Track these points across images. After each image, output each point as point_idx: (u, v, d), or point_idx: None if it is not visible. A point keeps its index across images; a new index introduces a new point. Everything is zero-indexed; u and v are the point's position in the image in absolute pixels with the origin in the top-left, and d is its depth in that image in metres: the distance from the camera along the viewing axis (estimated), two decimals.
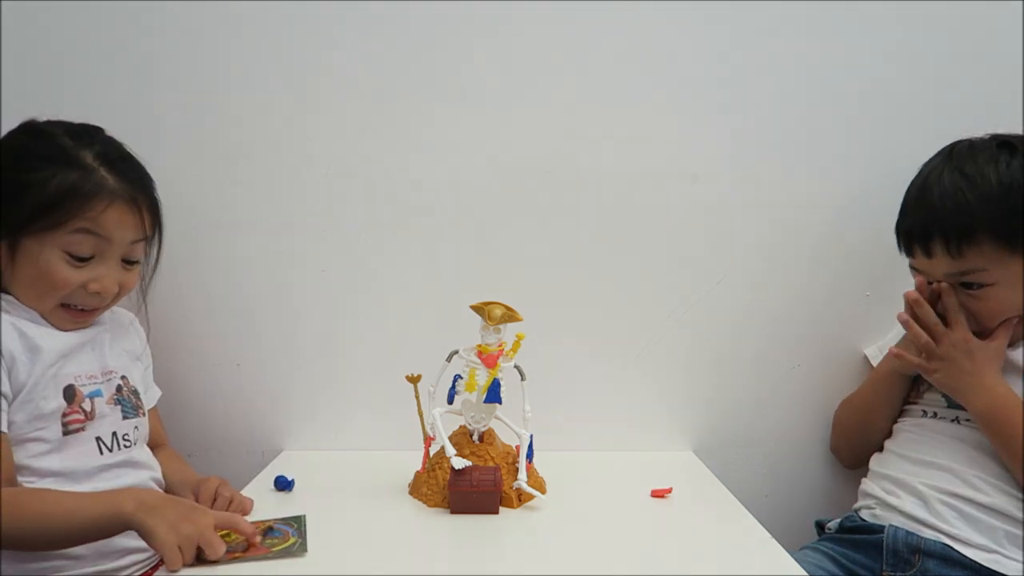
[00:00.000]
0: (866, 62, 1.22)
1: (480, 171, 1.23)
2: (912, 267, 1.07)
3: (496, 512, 0.99)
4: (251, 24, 1.19)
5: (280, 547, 0.86)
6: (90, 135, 0.98)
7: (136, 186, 0.98)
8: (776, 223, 1.25)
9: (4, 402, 0.89)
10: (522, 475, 1.01)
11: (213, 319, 1.23)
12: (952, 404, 1.07)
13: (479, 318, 1.02)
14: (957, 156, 1.01)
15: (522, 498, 1.02)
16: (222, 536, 0.85)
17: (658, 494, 1.07)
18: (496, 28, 1.20)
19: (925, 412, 1.11)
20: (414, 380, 1.06)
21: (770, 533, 0.95)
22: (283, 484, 1.07)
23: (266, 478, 1.10)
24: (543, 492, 1.06)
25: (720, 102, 1.23)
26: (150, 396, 1.11)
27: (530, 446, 1.04)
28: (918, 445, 1.09)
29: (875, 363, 1.24)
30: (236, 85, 1.20)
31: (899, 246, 1.08)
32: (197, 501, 0.97)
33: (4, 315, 0.92)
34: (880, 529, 1.04)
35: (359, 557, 0.87)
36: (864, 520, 1.08)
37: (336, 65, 1.20)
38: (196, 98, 1.19)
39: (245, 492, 1.06)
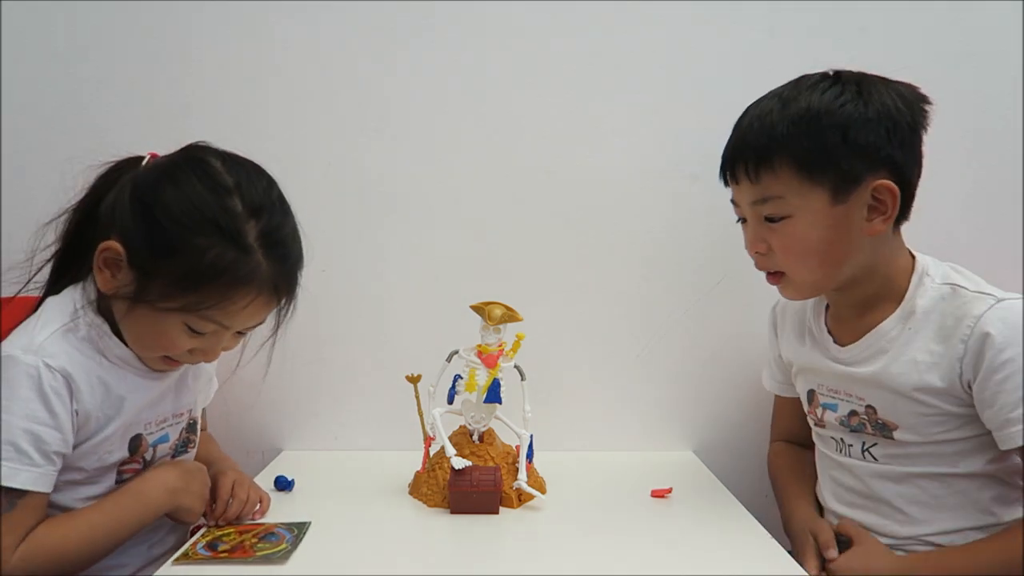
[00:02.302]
0: (866, 62, 1.22)
1: (480, 171, 1.23)
2: (732, 201, 1.00)
3: (496, 512, 0.99)
4: (251, 24, 1.19)
5: (264, 552, 0.85)
6: (261, 197, 0.86)
7: (285, 276, 0.89)
8: None
9: (58, 462, 0.83)
10: (522, 475, 1.01)
11: None
12: (851, 428, 1.00)
13: (479, 318, 1.02)
14: (786, 85, 0.95)
15: (522, 498, 1.02)
16: (220, 535, 0.86)
17: (658, 494, 1.07)
18: (496, 28, 1.20)
19: (840, 446, 1.02)
20: (414, 380, 1.06)
21: (770, 533, 0.95)
22: (283, 484, 1.07)
23: (266, 478, 1.10)
24: (543, 492, 1.06)
25: (720, 102, 1.22)
26: (208, 393, 1.09)
27: (530, 446, 1.04)
28: (854, 493, 1.00)
29: (774, 390, 1.18)
30: (236, 85, 1.20)
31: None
32: (213, 497, 0.95)
33: (92, 360, 0.85)
34: None
35: (359, 557, 0.87)
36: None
37: (336, 65, 1.20)
38: (195, 98, 1.19)
39: None
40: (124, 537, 0.87)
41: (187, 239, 0.81)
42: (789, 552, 0.91)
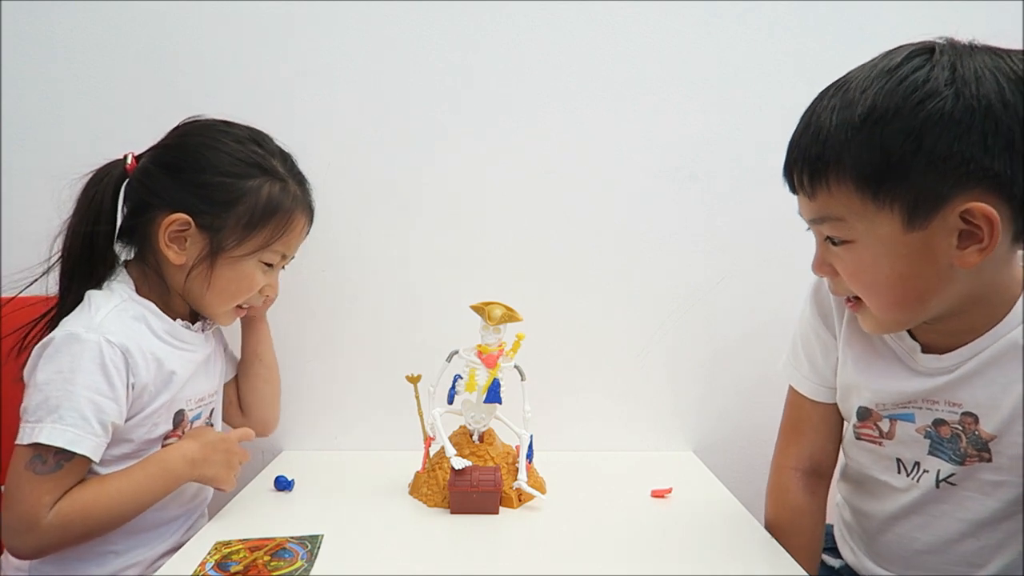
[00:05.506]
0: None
1: (480, 171, 1.23)
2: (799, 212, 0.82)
3: (496, 512, 0.99)
4: (251, 22, 1.19)
5: (281, 572, 0.83)
6: (267, 140, 0.99)
7: (310, 200, 1.03)
8: (776, 223, 1.25)
9: (111, 433, 0.89)
10: (522, 475, 1.01)
11: None
12: (937, 440, 0.81)
13: (479, 318, 1.02)
14: (863, 65, 0.75)
15: (522, 498, 1.02)
16: (229, 552, 0.86)
17: (658, 494, 1.07)
18: (496, 28, 1.20)
19: (903, 466, 0.84)
20: (414, 380, 1.06)
21: (769, 533, 0.95)
22: (283, 484, 1.07)
23: (266, 478, 1.10)
24: (543, 492, 1.06)
25: (720, 102, 1.23)
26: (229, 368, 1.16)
27: (530, 446, 1.04)
28: (926, 530, 0.83)
29: (800, 387, 0.96)
30: (235, 83, 1.20)
31: None
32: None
33: (144, 337, 0.93)
34: None
35: (359, 557, 0.87)
36: None
37: (335, 64, 1.20)
38: (194, 97, 1.19)
39: (245, 492, 1.07)
40: (147, 503, 0.91)
41: (241, 186, 0.93)
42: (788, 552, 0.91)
